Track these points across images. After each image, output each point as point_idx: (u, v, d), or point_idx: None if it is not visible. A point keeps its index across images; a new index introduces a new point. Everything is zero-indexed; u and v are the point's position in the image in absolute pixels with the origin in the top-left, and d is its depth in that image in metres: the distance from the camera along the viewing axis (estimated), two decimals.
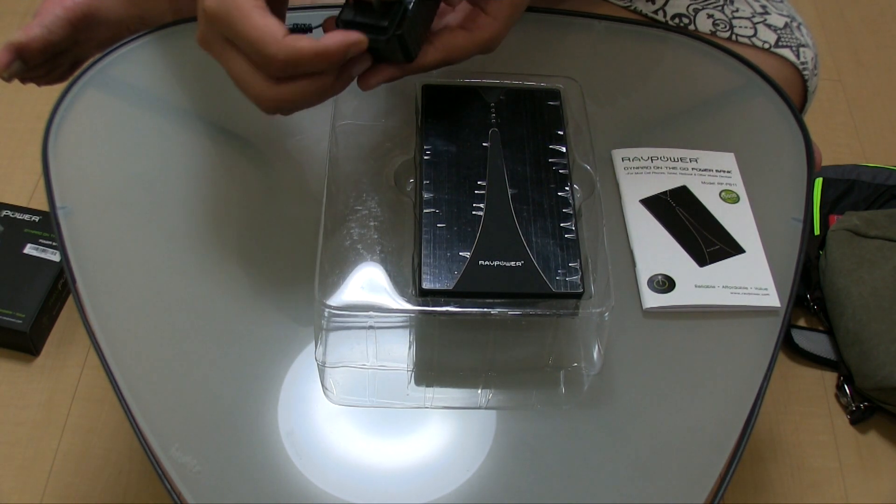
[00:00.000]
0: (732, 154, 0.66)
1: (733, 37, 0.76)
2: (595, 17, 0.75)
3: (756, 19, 0.77)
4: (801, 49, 0.77)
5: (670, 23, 0.78)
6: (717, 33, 0.76)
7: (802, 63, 0.77)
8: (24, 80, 0.72)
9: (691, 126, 0.69)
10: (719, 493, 0.51)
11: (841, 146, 1.38)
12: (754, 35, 0.76)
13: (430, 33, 0.55)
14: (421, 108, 0.60)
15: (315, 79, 0.50)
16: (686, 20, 0.77)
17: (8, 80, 0.69)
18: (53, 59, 0.71)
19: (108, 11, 0.71)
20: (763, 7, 0.79)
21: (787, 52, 0.76)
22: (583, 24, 0.75)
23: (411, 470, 0.51)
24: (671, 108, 0.70)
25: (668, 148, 0.66)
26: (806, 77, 0.77)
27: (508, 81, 0.62)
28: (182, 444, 0.51)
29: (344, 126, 0.61)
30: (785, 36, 0.77)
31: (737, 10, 0.78)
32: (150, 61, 0.68)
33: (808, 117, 0.71)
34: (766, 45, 0.76)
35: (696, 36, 0.75)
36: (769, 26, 0.77)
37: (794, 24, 0.79)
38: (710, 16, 0.77)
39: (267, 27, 0.48)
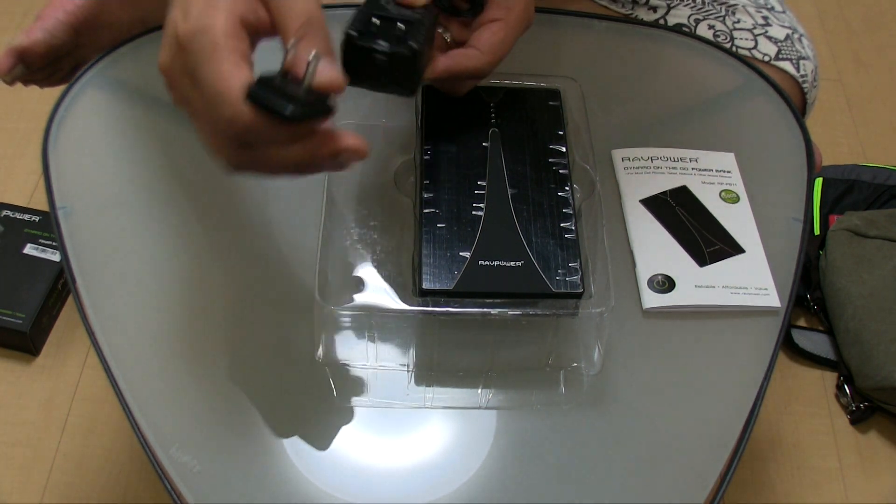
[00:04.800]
0: (732, 154, 0.66)
1: (734, 48, 0.76)
2: (595, 17, 0.75)
3: (757, 31, 0.77)
4: (802, 62, 0.77)
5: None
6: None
7: (802, 76, 0.77)
8: (26, 83, 0.72)
9: (691, 126, 0.69)
10: (719, 493, 0.51)
11: (841, 146, 1.38)
12: (755, 47, 0.76)
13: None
14: (421, 108, 0.60)
15: (281, 147, 0.44)
16: (687, 30, 0.77)
17: (10, 83, 0.69)
18: (55, 62, 0.71)
19: (110, 15, 0.71)
20: (765, 18, 0.79)
21: (787, 65, 0.76)
22: (583, 24, 0.74)
23: (411, 470, 0.51)
24: (671, 108, 0.70)
25: (668, 148, 0.66)
26: (805, 90, 0.78)
27: (508, 81, 0.62)
28: (182, 444, 0.51)
29: (344, 126, 0.61)
30: (786, 48, 0.77)
31: (738, 22, 0.78)
32: (150, 61, 0.68)
33: (808, 117, 0.71)
34: (767, 58, 0.76)
35: (696, 36, 0.75)
36: (770, 38, 0.77)
37: (796, 36, 0.79)
38: (710, 27, 0.77)
39: (230, 80, 0.42)
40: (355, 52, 0.50)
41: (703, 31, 0.77)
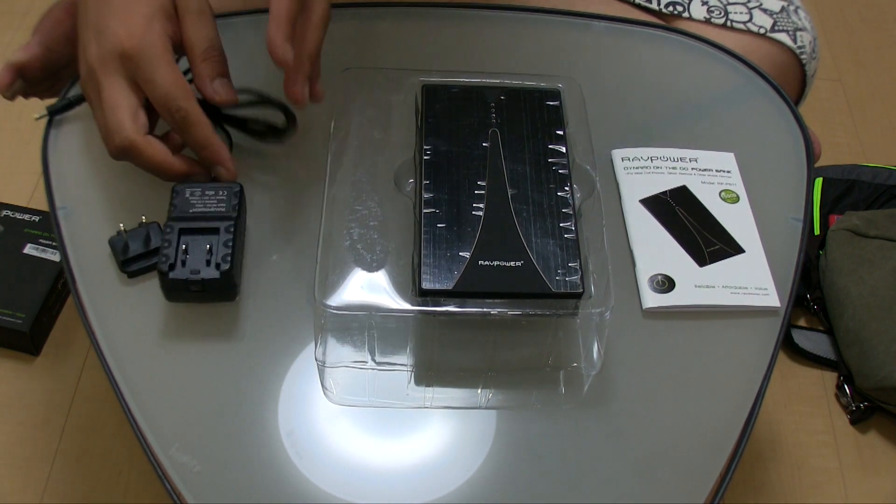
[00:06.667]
0: (732, 154, 0.66)
1: (728, 23, 0.75)
2: (595, 17, 0.75)
3: (751, 4, 0.76)
4: (799, 33, 0.76)
5: (664, 10, 0.77)
6: (712, 20, 0.75)
7: (800, 47, 0.76)
8: (27, 96, 0.72)
9: (691, 126, 0.69)
10: (719, 493, 0.51)
11: (841, 146, 1.38)
12: (750, 20, 0.75)
13: None
14: (421, 107, 0.60)
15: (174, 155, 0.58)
16: (680, 7, 0.76)
17: (11, 98, 0.69)
18: (55, 75, 0.71)
19: None
20: None
21: (783, 37, 0.75)
22: (583, 24, 0.75)
23: (411, 470, 0.51)
24: (671, 108, 0.70)
25: (668, 148, 0.66)
26: (804, 61, 0.76)
27: (508, 81, 0.62)
28: (182, 444, 0.51)
29: (344, 125, 0.61)
30: (781, 20, 0.76)
31: None
32: None
33: (808, 117, 0.71)
34: (762, 31, 0.75)
35: (696, 36, 0.75)
36: (765, 10, 0.76)
37: (791, 8, 0.77)
38: (704, 2, 0.76)
39: (179, 80, 0.56)
40: (172, 284, 0.54)
41: (696, 7, 0.76)
